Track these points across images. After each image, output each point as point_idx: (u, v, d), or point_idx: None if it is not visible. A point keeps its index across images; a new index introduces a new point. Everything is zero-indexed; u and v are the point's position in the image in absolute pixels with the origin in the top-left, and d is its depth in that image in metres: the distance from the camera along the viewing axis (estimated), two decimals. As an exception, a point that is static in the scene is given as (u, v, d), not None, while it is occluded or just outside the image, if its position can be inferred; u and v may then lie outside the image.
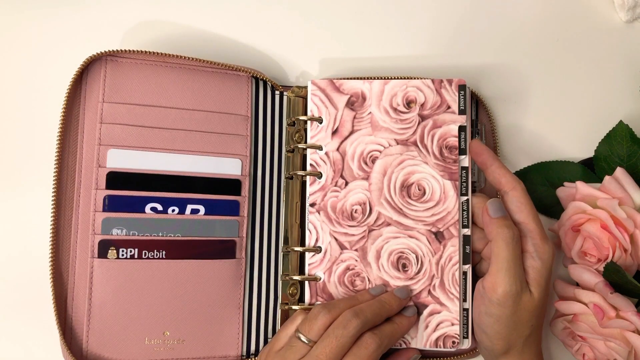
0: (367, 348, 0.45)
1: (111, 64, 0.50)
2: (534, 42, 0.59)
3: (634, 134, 0.52)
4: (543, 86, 0.59)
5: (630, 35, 0.60)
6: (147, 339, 0.49)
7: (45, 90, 0.55)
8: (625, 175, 0.51)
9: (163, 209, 0.50)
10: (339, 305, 0.47)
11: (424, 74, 0.57)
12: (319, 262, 0.51)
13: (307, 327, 0.46)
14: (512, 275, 0.45)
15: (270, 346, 0.48)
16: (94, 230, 0.49)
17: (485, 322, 0.47)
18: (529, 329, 0.47)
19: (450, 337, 0.49)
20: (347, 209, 0.51)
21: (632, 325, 0.46)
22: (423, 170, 0.51)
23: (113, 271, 0.48)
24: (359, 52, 0.59)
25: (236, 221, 0.52)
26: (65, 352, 0.47)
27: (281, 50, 0.58)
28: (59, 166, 0.49)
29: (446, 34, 0.59)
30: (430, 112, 0.51)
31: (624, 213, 0.49)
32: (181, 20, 0.58)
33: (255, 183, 0.53)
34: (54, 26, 0.56)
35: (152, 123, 0.50)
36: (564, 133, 0.58)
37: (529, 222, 0.47)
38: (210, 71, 0.52)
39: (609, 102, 0.59)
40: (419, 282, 0.50)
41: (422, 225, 0.50)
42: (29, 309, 0.53)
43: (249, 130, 0.53)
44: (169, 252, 0.49)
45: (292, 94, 0.54)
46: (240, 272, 0.51)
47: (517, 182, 0.48)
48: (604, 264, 0.48)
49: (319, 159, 0.52)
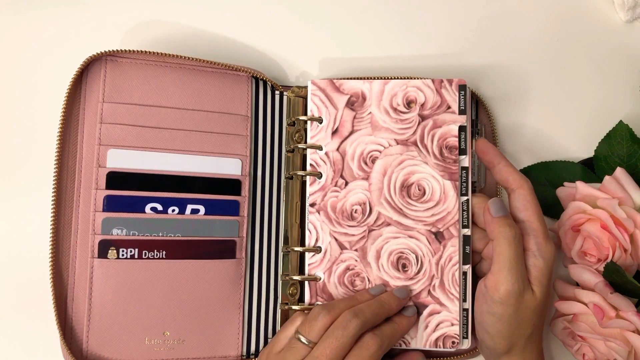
0: (368, 349, 0.45)
1: (111, 63, 0.50)
2: (534, 42, 0.59)
3: (634, 134, 0.52)
4: (543, 86, 0.59)
5: (630, 35, 0.60)
6: (147, 339, 0.49)
7: (45, 90, 0.55)
8: (625, 175, 0.51)
9: (163, 209, 0.50)
10: (338, 305, 0.47)
11: (424, 74, 0.57)
12: (318, 262, 0.51)
13: (307, 328, 0.46)
14: (514, 274, 0.45)
15: (269, 348, 0.48)
16: (94, 230, 0.49)
17: (488, 321, 0.47)
18: (531, 327, 0.47)
19: (450, 337, 0.49)
20: (347, 209, 0.51)
21: (632, 325, 0.46)
22: (423, 171, 0.51)
23: (113, 271, 0.48)
24: (359, 52, 0.59)
25: (236, 221, 0.52)
26: (66, 352, 0.47)
27: (281, 50, 0.58)
28: (59, 166, 0.49)
29: (446, 34, 0.59)
30: (430, 112, 0.51)
31: (624, 213, 0.49)
32: (181, 20, 0.58)
33: (255, 183, 0.53)
34: (54, 26, 0.56)
35: (152, 123, 0.50)
36: (563, 133, 0.58)
37: (534, 220, 0.47)
38: (210, 71, 0.52)
39: (609, 102, 0.59)
40: (419, 282, 0.50)
41: (422, 225, 0.50)
42: (29, 309, 0.53)
43: (249, 130, 0.53)
44: (169, 252, 0.49)
45: (292, 94, 0.54)
46: (241, 272, 0.51)
47: (524, 180, 0.48)
48: (604, 264, 0.48)
49: (319, 159, 0.52)
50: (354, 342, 0.45)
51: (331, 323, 0.45)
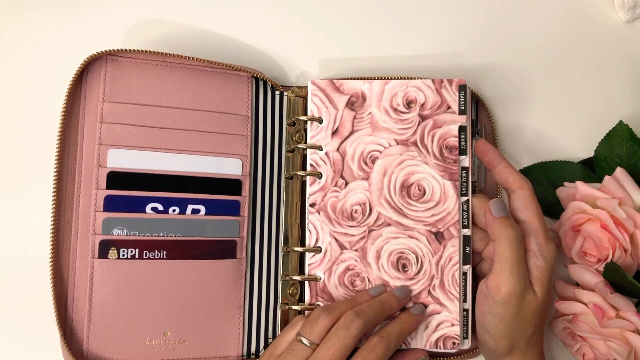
0: (376, 351, 0.45)
1: (111, 63, 0.50)
2: (534, 42, 0.59)
3: (634, 134, 0.52)
4: (543, 86, 0.59)
5: (630, 35, 0.60)
6: (147, 339, 0.49)
7: (46, 89, 0.55)
8: (625, 175, 0.51)
9: (164, 209, 0.50)
10: (339, 307, 0.47)
11: (424, 74, 0.57)
12: (319, 262, 0.51)
13: (308, 329, 0.46)
14: (515, 274, 0.45)
15: (270, 351, 0.48)
16: (94, 230, 0.49)
17: (489, 321, 0.47)
18: (532, 328, 0.47)
19: (450, 338, 0.49)
20: (347, 209, 0.51)
21: (632, 325, 0.46)
22: (423, 171, 0.51)
23: (114, 271, 0.48)
24: (359, 52, 0.59)
25: (237, 221, 0.52)
26: (66, 353, 0.47)
27: (281, 50, 0.58)
28: (59, 166, 0.49)
29: (446, 34, 0.59)
30: (430, 112, 0.51)
31: (624, 213, 0.49)
32: (181, 20, 0.58)
33: (256, 183, 0.53)
34: (54, 26, 0.56)
35: (152, 123, 0.50)
36: (564, 133, 0.58)
37: (534, 221, 0.47)
38: (210, 71, 0.52)
39: (609, 102, 0.59)
40: (419, 282, 0.50)
41: (422, 225, 0.50)
42: (29, 309, 0.53)
43: (249, 130, 0.53)
44: (170, 252, 0.49)
45: (292, 94, 0.54)
46: (241, 272, 0.51)
47: (524, 181, 0.48)
48: (604, 264, 0.48)
49: (319, 159, 0.52)
50: (356, 343, 0.45)
51: (332, 324, 0.45)
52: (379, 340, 0.45)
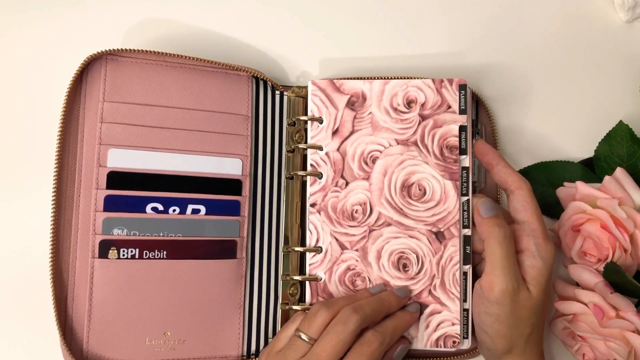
0: (370, 345, 0.45)
1: (111, 63, 0.50)
2: (534, 42, 0.59)
3: (634, 134, 0.52)
4: (543, 86, 0.59)
5: (630, 35, 0.60)
6: (147, 339, 0.49)
7: (46, 89, 0.55)
8: (625, 175, 0.51)
9: (164, 208, 0.50)
10: (338, 302, 0.47)
11: (424, 74, 0.57)
12: (319, 262, 0.51)
13: (306, 325, 0.46)
14: (506, 273, 0.45)
15: (270, 347, 0.48)
16: (94, 230, 0.49)
17: (486, 321, 0.47)
18: (529, 327, 0.47)
19: (450, 337, 0.49)
20: (347, 209, 0.51)
21: (632, 325, 0.46)
22: (423, 170, 0.51)
23: (114, 271, 0.48)
24: (359, 52, 0.59)
25: (237, 221, 0.51)
26: (66, 353, 0.47)
27: (281, 50, 0.58)
28: (59, 166, 0.49)
29: (447, 34, 0.59)
30: (430, 112, 0.51)
31: (624, 213, 0.49)
32: (182, 19, 0.58)
33: (256, 183, 0.53)
34: (55, 26, 0.56)
35: (152, 122, 0.50)
36: (564, 133, 0.58)
37: (533, 221, 0.47)
38: (210, 71, 0.52)
39: (609, 102, 0.59)
40: (420, 282, 0.50)
41: (422, 225, 0.50)
42: (29, 309, 0.53)
43: (249, 130, 0.53)
44: (170, 252, 0.49)
45: (292, 94, 0.54)
46: (241, 272, 0.51)
47: (523, 181, 0.48)
48: (604, 264, 0.48)
49: (319, 159, 0.52)
50: (354, 338, 0.45)
51: (331, 319, 0.46)
52: (374, 334, 0.45)
